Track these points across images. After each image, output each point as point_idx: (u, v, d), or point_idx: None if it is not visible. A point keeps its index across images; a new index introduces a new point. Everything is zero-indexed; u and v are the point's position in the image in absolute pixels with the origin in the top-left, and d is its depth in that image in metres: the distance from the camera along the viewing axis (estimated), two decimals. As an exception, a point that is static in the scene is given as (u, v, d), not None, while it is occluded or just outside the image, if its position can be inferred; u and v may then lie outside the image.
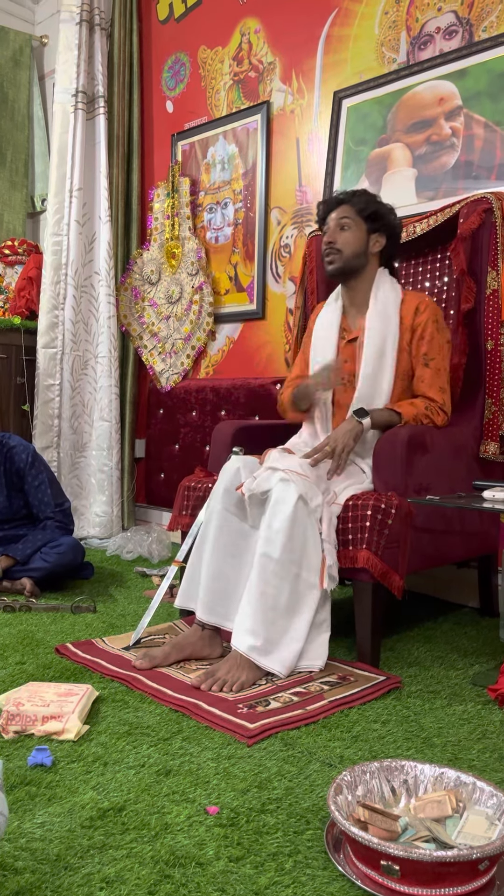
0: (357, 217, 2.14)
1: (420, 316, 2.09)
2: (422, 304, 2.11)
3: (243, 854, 1.06)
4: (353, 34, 2.85)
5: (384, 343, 2.09)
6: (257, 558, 1.78)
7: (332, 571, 1.80)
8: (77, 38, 3.58)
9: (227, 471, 1.97)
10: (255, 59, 3.24)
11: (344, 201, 2.17)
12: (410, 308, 2.11)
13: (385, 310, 2.11)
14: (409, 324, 2.10)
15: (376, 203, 2.16)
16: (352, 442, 1.94)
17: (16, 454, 2.66)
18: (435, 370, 2.07)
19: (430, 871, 0.96)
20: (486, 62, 2.45)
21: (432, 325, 2.09)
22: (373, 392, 2.08)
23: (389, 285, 2.16)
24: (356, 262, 2.15)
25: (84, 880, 0.99)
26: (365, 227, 2.14)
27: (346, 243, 2.14)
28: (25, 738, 1.43)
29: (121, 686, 1.70)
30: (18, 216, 4.35)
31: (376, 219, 2.14)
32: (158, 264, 3.66)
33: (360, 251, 2.15)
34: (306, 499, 1.78)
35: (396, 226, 2.18)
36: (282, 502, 1.78)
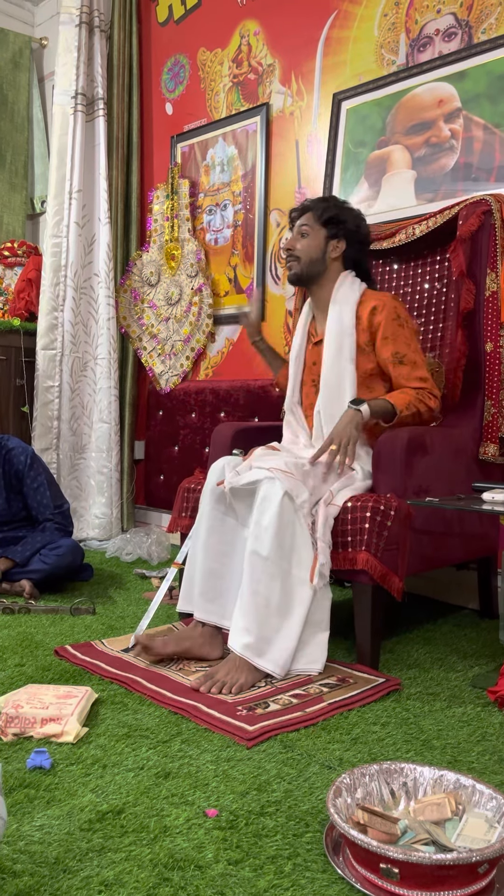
0: (316, 223, 2.18)
1: (377, 316, 2.09)
2: (379, 303, 2.10)
3: (242, 857, 1.06)
4: (353, 36, 2.85)
5: (341, 345, 2.11)
6: (247, 557, 1.78)
7: (324, 570, 1.80)
8: (77, 40, 3.58)
9: (213, 470, 2.00)
10: (255, 61, 3.24)
11: (308, 208, 2.21)
12: (367, 308, 2.11)
13: (341, 312, 2.13)
14: (367, 325, 2.10)
15: (336, 208, 2.18)
16: (355, 431, 1.94)
17: (14, 456, 2.66)
18: (410, 364, 2.07)
19: (430, 873, 0.96)
20: (486, 64, 2.45)
21: (392, 323, 2.07)
22: (337, 393, 2.10)
23: (349, 287, 2.17)
24: (314, 269, 2.18)
25: (83, 883, 0.99)
26: (324, 232, 2.17)
27: (303, 250, 2.18)
28: (24, 740, 1.43)
29: (120, 688, 1.70)
30: (18, 218, 4.35)
31: (334, 224, 2.16)
32: (158, 266, 3.66)
33: (318, 257, 2.17)
34: (292, 495, 1.79)
35: (358, 230, 2.19)
36: (268, 500, 1.79)
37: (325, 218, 2.16)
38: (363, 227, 2.21)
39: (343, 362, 2.10)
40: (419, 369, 2.07)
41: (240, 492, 1.88)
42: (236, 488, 1.87)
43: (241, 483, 1.86)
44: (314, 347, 2.22)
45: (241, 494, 1.89)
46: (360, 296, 2.14)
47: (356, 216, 2.20)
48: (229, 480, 1.89)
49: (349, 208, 2.21)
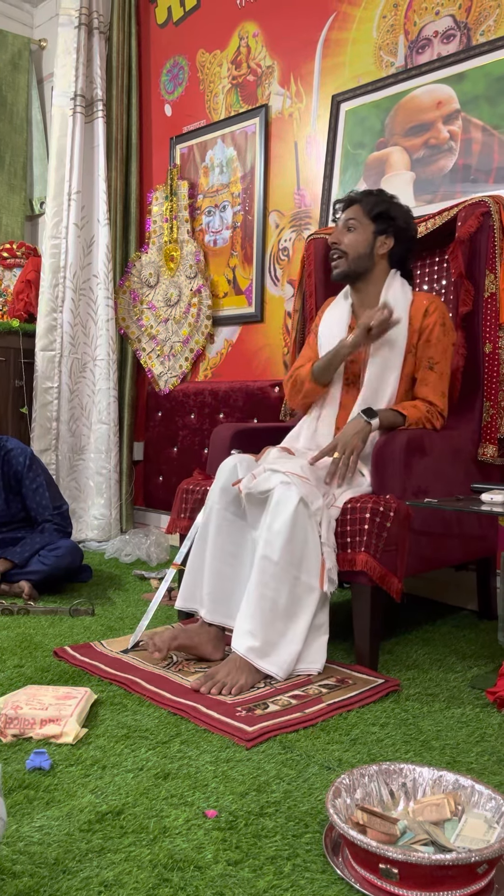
0: (364, 218, 2.12)
1: (429, 318, 2.08)
2: (431, 305, 2.10)
3: (242, 857, 1.06)
4: (352, 38, 2.86)
5: (392, 344, 2.07)
6: (257, 560, 1.77)
7: (332, 574, 1.79)
8: (76, 41, 3.58)
9: (223, 469, 1.97)
10: (254, 62, 3.25)
11: (355, 201, 2.15)
12: (420, 309, 2.09)
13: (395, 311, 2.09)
14: (418, 326, 2.08)
15: (387, 203, 2.13)
16: (360, 443, 1.93)
17: (13, 457, 2.66)
18: (439, 374, 2.07)
19: (429, 874, 0.96)
20: (484, 66, 2.45)
21: (439, 327, 2.07)
22: (377, 393, 2.08)
23: (400, 287, 2.14)
24: (362, 265, 2.13)
25: (82, 884, 0.99)
26: (372, 227, 2.12)
27: (350, 245, 2.12)
28: (24, 741, 1.43)
29: (119, 689, 1.70)
30: (17, 219, 4.36)
31: (384, 219, 2.11)
32: (157, 267, 3.66)
33: (366, 253, 2.12)
34: (307, 501, 1.78)
35: (408, 227, 2.15)
36: (282, 504, 1.77)
37: (375, 213, 2.11)
38: (412, 224, 2.17)
39: (392, 361, 2.07)
40: (443, 383, 2.07)
41: (253, 496, 1.87)
42: (253, 493, 1.86)
43: (258, 490, 1.84)
44: None
45: (254, 498, 1.87)
46: (412, 296, 2.12)
47: (406, 213, 2.15)
48: (246, 485, 1.87)
49: (399, 204, 2.15)
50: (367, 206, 2.12)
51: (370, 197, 2.14)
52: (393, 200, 2.15)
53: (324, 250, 2.63)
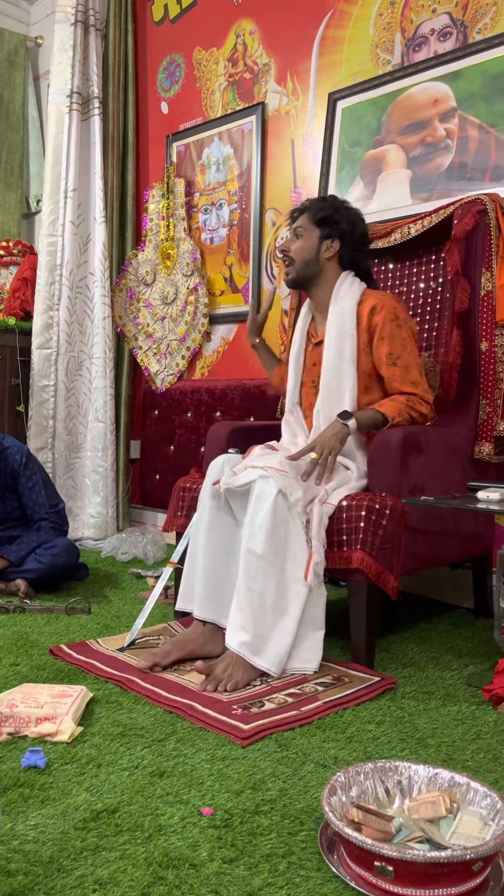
0: (310, 224, 2.16)
1: (376, 316, 2.08)
2: (378, 303, 2.09)
3: (237, 855, 1.06)
4: (348, 36, 2.86)
5: (342, 346, 2.09)
6: (242, 554, 1.78)
7: (318, 569, 1.80)
8: (72, 38, 3.57)
9: (212, 469, 2.00)
10: (250, 60, 3.24)
11: (305, 209, 2.19)
12: (367, 308, 2.10)
13: (341, 313, 2.11)
14: (366, 324, 2.09)
15: (330, 208, 2.15)
16: (338, 445, 1.94)
17: (10, 455, 2.66)
18: (403, 367, 2.06)
19: (424, 871, 0.96)
20: (481, 64, 2.45)
21: (390, 323, 2.07)
22: (336, 394, 2.09)
23: (348, 288, 2.15)
24: (309, 270, 2.17)
25: (77, 882, 0.99)
26: (317, 233, 2.15)
27: (297, 251, 2.17)
28: (19, 739, 1.43)
29: (115, 687, 1.70)
30: (13, 217, 4.35)
31: (328, 224, 2.14)
32: (153, 265, 3.65)
33: (311, 258, 2.16)
34: (286, 493, 1.79)
35: (353, 229, 2.16)
36: (262, 498, 1.79)
37: (318, 218, 2.15)
38: (359, 226, 2.18)
39: (343, 364, 2.09)
40: (412, 373, 2.06)
41: (236, 492, 1.88)
42: (232, 489, 1.87)
43: (236, 484, 1.86)
44: (314, 348, 2.22)
45: (236, 494, 1.89)
46: (360, 295, 2.13)
47: (352, 215, 2.17)
48: (225, 481, 1.89)
49: (346, 207, 2.18)
50: (312, 213, 2.16)
51: (317, 203, 2.19)
52: (341, 205, 2.18)
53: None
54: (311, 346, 2.24)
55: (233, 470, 1.93)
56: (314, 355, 2.21)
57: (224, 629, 1.85)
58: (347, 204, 2.21)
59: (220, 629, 1.89)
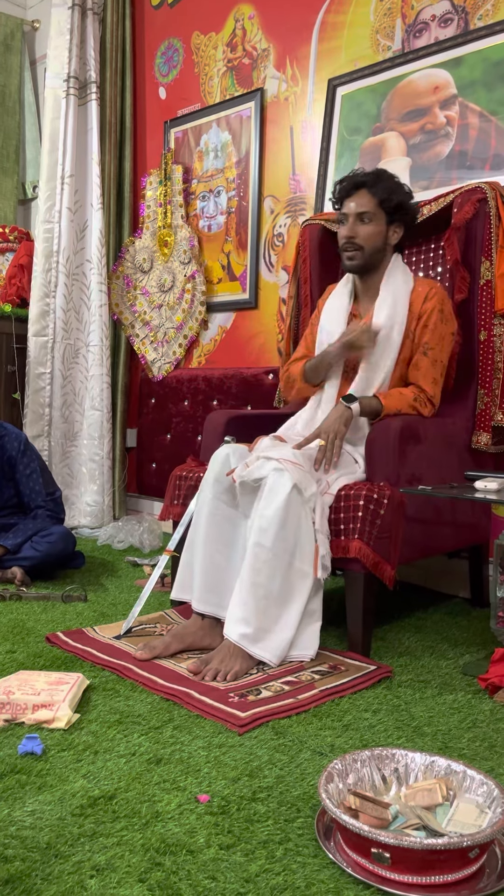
0: (378, 209, 2.08)
1: (428, 303, 2.07)
2: (431, 290, 2.09)
3: (234, 842, 1.06)
4: (348, 21, 2.83)
5: (391, 330, 2.07)
6: (250, 547, 1.77)
7: (326, 561, 1.80)
8: (69, 22, 3.54)
9: (216, 459, 1.97)
10: (249, 45, 3.21)
11: (364, 185, 2.09)
12: (420, 295, 2.09)
13: (395, 297, 2.08)
14: (417, 311, 2.08)
15: (400, 192, 2.09)
16: (343, 427, 1.93)
17: (7, 442, 2.65)
18: (432, 360, 2.06)
19: (421, 858, 0.97)
20: (482, 50, 2.43)
21: (437, 314, 2.07)
22: (370, 377, 2.07)
23: (402, 273, 2.13)
24: (377, 257, 2.13)
25: (74, 868, 0.99)
26: (385, 218, 2.09)
27: (367, 238, 2.08)
28: (16, 726, 1.43)
29: (112, 675, 1.70)
30: (9, 203, 4.31)
31: (398, 210, 2.08)
32: (150, 252, 3.63)
33: (381, 246, 2.11)
34: (301, 488, 1.78)
35: (415, 215, 2.14)
36: (275, 491, 1.77)
37: (391, 204, 2.06)
38: (416, 209, 2.15)
39: (390, 347, 2.06)
40: (436, 369, 2.06)
41: (247, 485, 1.86)
42: (247, 482, 1.85)
43: (251, 478, 1.83)
44: None
45: (247, 487, 1.87)
46: (413, 282, 2.12)
47: (411, 198, 2.12)
48: (239, 473, 1.86)
49: (407, 191, 2.11)
50: (381, 196, 2.07)
51: (380, 184, 2.08)
52: (401, 186, 2.11)
53: (319, 236, 2.61)
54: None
55: (245, 462, 1.89)
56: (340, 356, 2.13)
57: (223, 622, 1.85)
58: (398, 179, 2.12)
59: (219, 622, 1.88)
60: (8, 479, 2.68)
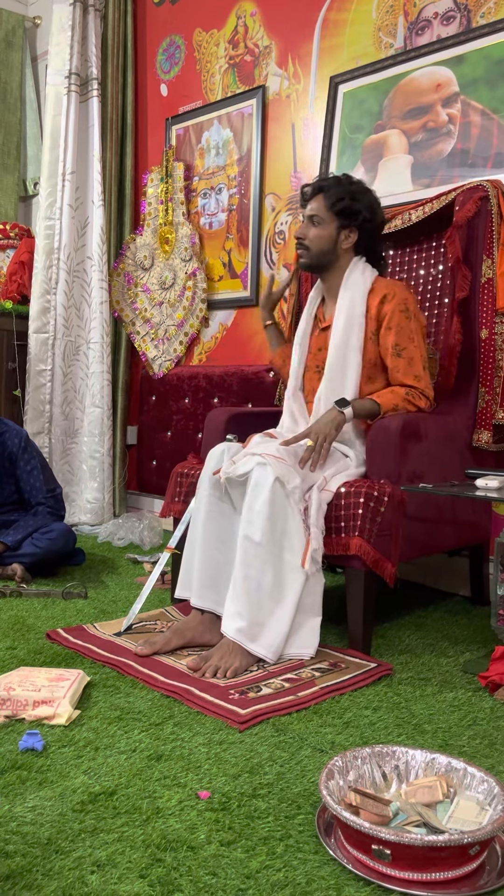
0: (328, 212, 2.10)
1: (386, 305, 2.06)
2: (389, 292, 2.07)
3: (235, 838, 1.06)
4: (350, 18, 2.83)
5: (349, 333, 2.07)
6: (239, 541, 1.78)
7: (317, 555, 1.80)
8: (71, 18, 3.53)
9: (212, 456, 1.98)
10: (251, 42, 3.21)
11: (321, 190, 2.13)
12: (377, 297, 2.08)
13: (352, 300, 2.09)
14: (375, 313, 2.07)
15: (351, 197, 2.09)
16: (334, 432, 1.93)
17: (8, 439, 2.65)
18: (408, 360, 2.05)
19: (422, 855, 0.97)
20: (484, 48, 2.43)
21: (399, 314, 2.05)
22: (340, 380, 2.08)
23: (360, 275, 2.12)
24: (325, 259, 2.14)
25: (75, 864, 0.99)
26: (336, 222, 2.10)
27: (313, 240, 2.12)
28: (16, 722, 1.43)
29: (112, 671, 1.70)
30: (10, 200, 4.31)
31: (348, 215, 2.10)
32: (152, 250, 3.63)
33: (329, 248, 2.12)
34: (283, 481, 1.79)
35: (372, 219, 2.12)
36: (259, 485, 1.78)
37: (337, 208, 2.09)
38: (378, 214, 2.14)
39: (350, 350, 2.07)
40: (415, 366, 2.05)
41: (235, 481, 1.87)
42: (232, 478, 1.87)
43: (236, 474, 1.85)
44: (320, 333, 2.20)
45: (236, 483, 1.88)
46: (371, 284, 2.11)
47: (371, 203, 2.12)
48: (225, 470, 1.88)
49: (364, 194, 2.12)
50: (330, 200, 2.10)
51: (334, 188, 2.11)
52: (358, 191, 2.12)
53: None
54: (317, 331, 2.22)
55: (232, 459, 1.92)
56: (320, 340, 2.20)
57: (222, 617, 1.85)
58: (362, 185, 2.14)
59: (218, 618, 1.89)
60: (9, 475, 2.68)
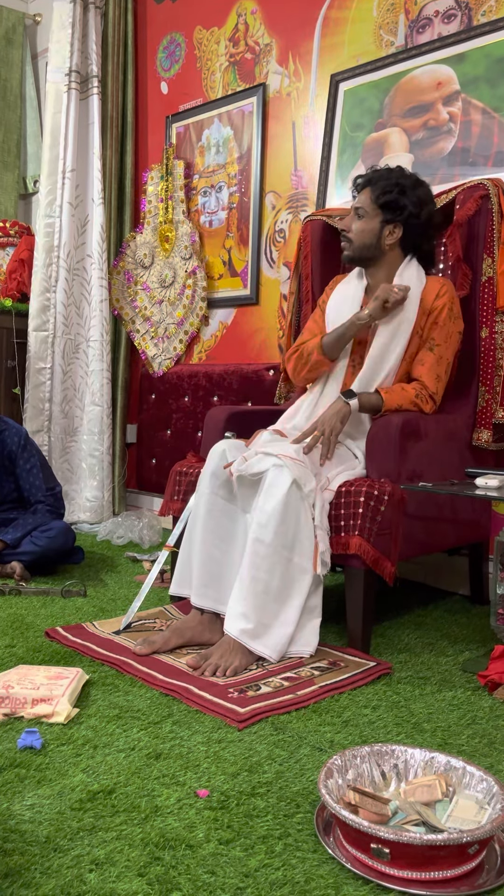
0: (372, 205, 2.08)
1: (439, 300, 2.06)
2: (443, 288, 2.08)
3: (233, 837, 1.06)
4: (351, 16, 2.82)
5: (399, 325, 2.05)
6: (249, 542, 1.77)
7: (325, 557, 1.79)
8: (71, 16, 3.52)
9: (213, 454, 1.97)
10: (252, 40, 3.20)
11: (370, 182, 2.10)
12: (431, 292, 2.07)
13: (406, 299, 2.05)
14: (428, 307, 2.06)
15: (399, 191, 2.06)
16: (339, 424, 1.92)
17: (8, 437, 2.64)
18: (437, 357, 2.05)
19: (421, 854, 0.97)
20: (485, 47, 2.43)
21: (446, 311, 2.06)
22: (375, 371, 2.05)
23: (415, 272, 2.10)
24: (367, 252, 2.11)
25: (74, 862, 0.99)
26: (380, 217, 2.08)
27: (356, 233, 2.10)
28: (15, 720, 1.43)
29: (111, 670, 1.70)
30: (10, 197, 4.30)
31: (393, 209, 2.06)
32: (152, 248, 3.62)
33: (371, 242, 2.10)
34: (300, 483, 1.77)
35: (419, 214, 2.07)
36: (275, 486, 1.77)
37: (381, 201, 2.06)
38: (426, 210, 2.09)
39: (396, 342, 2.05)
40: (440, 366, 2.05)
41: (246, 479, 1.86)
42: (244, 476, 1.85)
43: (249, 472, 1.83)
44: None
45: (245, 481, 1.87)
46: (425, 280, 2.10)
47: (421, 198, 2.08)
48: (237, 468, 1.86)
49: (414, 187, 2.08)
50: (376, 193, 2.07)
51: (381, 181, 2.08)
52: (407, 185, 2.08)
53: (321, 232, 2.60)
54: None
55: (244, 456, 1.89)
56: (362, 332, 2.11)
57: (222, 617, 1.85)
58: (416, 180, 2.10)
59: (218, 617, 1.88)
60: (8, 474, 2.68)
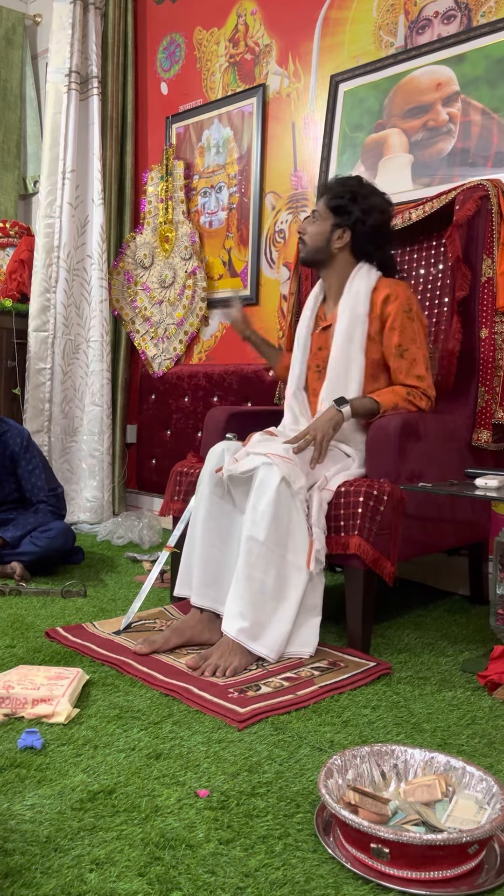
0: (325, 209, 2.13)
1: (389, 305, 2.06)
2: (392, 293, 2.07)
3: (233, 836, 1.07)
4: (351, 17, 2.82)
5: (353, 332, 2.07)
6: (243, 541, 1.78)
7: (320, 556, 1.80)
8: (71, 16, 3.53)
9: (212, 455, 1.98)
10: (252, 41, 3.21)
11: (327, 189, 2.16)
12: (380, 296, 2.07)
13: (355, 299, 2.08)
14: (379, 313, 2.07)
15: (347, 196, 2.09)
16: (332, 431, 1.93)
17: (10, 438, 2.65)
18: (410, 360, 2.05)
19: (420, 854, 0.97)
20: (485, 48, 2.43)
21: (402, 314, 2.05)
22: (342, 380, 2.07)
23: (364, 275, 2.12)
24: (319, 255, 2.15)
25: (74, 862, 0.99)
26: (331, 221, 2.12)
27: (310, 236, 2.15)
28: (15, 720, 1.43)
29: (111, 670, 1.70)
30: (10, 198, 4.31)
31: (341, 213, 2.10)
32: (151, 248, 3.63)
33: (322, 245, 2.13)
34: (289, 481, 1.78)
35: (361, 221, 2.09)
36: (265, 485, 1.78)
37: (332, 205, 2.11)
38: (373, 218, 2.10)
39: (353, 350, 2.07)
40: (418, 367, 2.05)
41: (237, 478, 1.87)
42: (234, 476, 1.86)
43: (238, 471, 1.84)
44: (321, 332, 2.19)
45: (238, 481, 1.88)
46: (374, 283, 2.10)
47: (371, 206, 2.09)
48: (227, 468, 1.88)
49: (366, 195, 2.10)
50: (329, 197, 2.13)
51: (336, 188, 2.13)
52: (360, 193, 2.10)
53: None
54: (318, 330, 2.21)
55: (234, 457, 1.91)
56: (321, 339, 2.19)
57: (222, 616, 1.85)
58: (371, 189, 2.13)
59: (217, 616, 1.89)
60: (9, 474, 2.68)
